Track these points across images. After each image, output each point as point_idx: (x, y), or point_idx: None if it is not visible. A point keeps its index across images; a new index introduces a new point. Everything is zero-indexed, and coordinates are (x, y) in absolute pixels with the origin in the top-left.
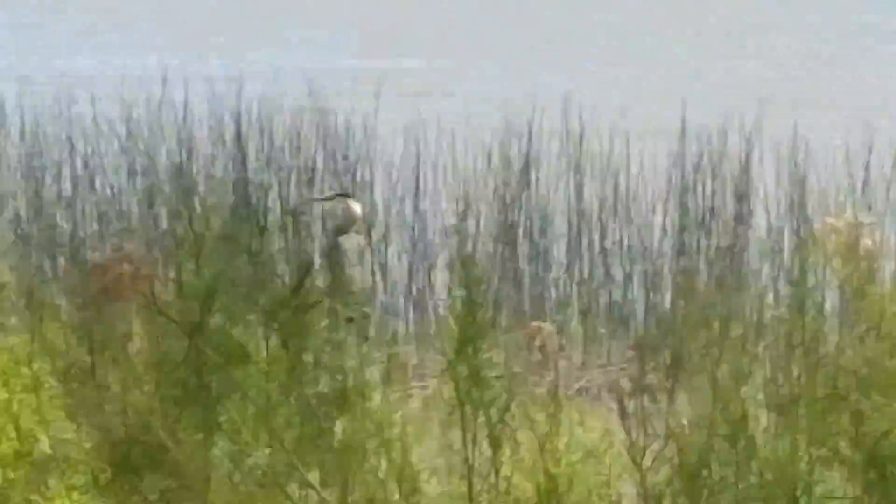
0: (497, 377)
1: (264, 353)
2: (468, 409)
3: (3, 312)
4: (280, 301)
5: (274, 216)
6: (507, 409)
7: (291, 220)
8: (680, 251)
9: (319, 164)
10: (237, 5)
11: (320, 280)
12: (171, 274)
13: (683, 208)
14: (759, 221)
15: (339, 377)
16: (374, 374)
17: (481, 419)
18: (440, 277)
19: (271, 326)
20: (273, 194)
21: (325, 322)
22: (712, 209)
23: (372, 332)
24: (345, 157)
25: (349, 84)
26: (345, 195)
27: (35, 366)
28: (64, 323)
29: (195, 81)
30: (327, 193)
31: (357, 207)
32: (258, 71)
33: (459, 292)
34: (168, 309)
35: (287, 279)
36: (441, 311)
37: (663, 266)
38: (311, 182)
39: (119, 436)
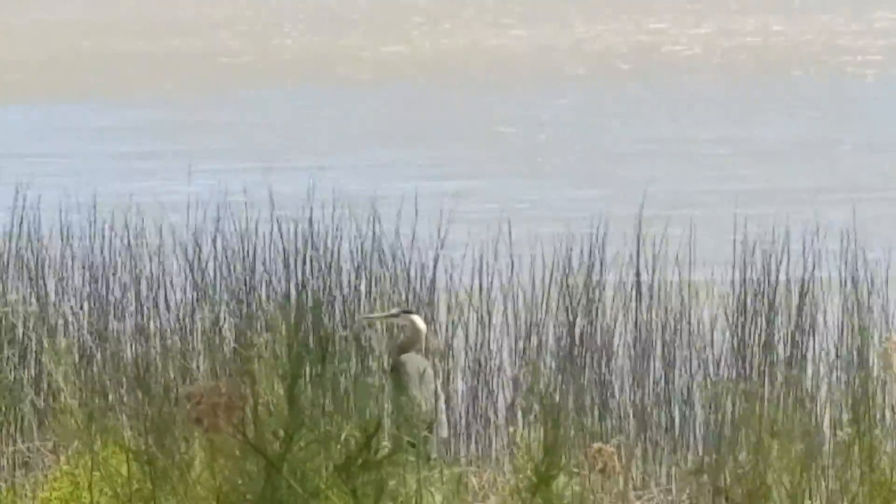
0: None
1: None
2: None
3: (65, 437)
4: (351, 457)
5: (338, 338)
6: None
7: (355, 342)
8: (739, 373)
9: (386, 286)
10: (296, 131)
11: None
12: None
13: (742, 329)
14: (820, 340)
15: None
16: (435, 497)
17: None
18: (503, 398)
19: (341, 478)
20: (337, 316)
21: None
22: (770, 330)
23: (434, 454)
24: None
25: (412, 206)
26: (409, 311)
27: (96, 492)
28: (126, 449)
29: (261, 203)
30: (392, 311)
31: (422, 324)
32: (323, 193)
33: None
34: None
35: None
36: (507, 433)
37: (723, 388)
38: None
39: None
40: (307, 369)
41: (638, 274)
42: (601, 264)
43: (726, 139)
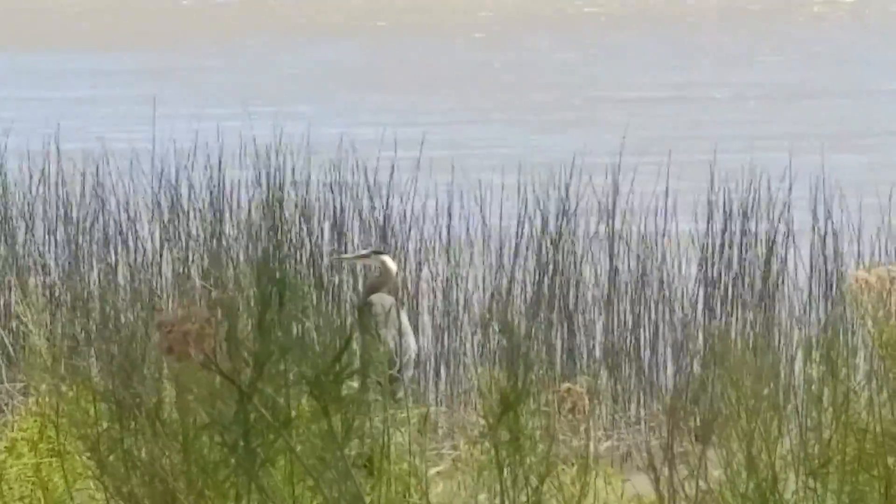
0: (538, 441)
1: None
2: (507, 474)
3: (34, 378)
4: (321, 370)
5: (307, 276)
6: (548, 473)
7: (321, 280)
8: (710, 315)
9: (353, 224)
10: (271, 72)
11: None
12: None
13: (713, 270)
14: (791, 278)
15: (368, 440)
16: (403, 436)
17: (521, 483)
18: (471, 339)
19: (313, 394)
20: (306, 254)
21: (354, 385)
22: (741, 272)
23: (401, 393)
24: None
25: (380, 150)
26: (380, 252)
27: (63, 432)
28: (94, 389)
29: (231, 143)
30: (362, 251)
31: (392, 264)
32: (293, 136)
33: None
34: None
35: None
36: (473, 371)
37: (694, 327)
38: (343, 242)
39: None
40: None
41: (612, 213)
42: (573, 206)
43: (699, 84)
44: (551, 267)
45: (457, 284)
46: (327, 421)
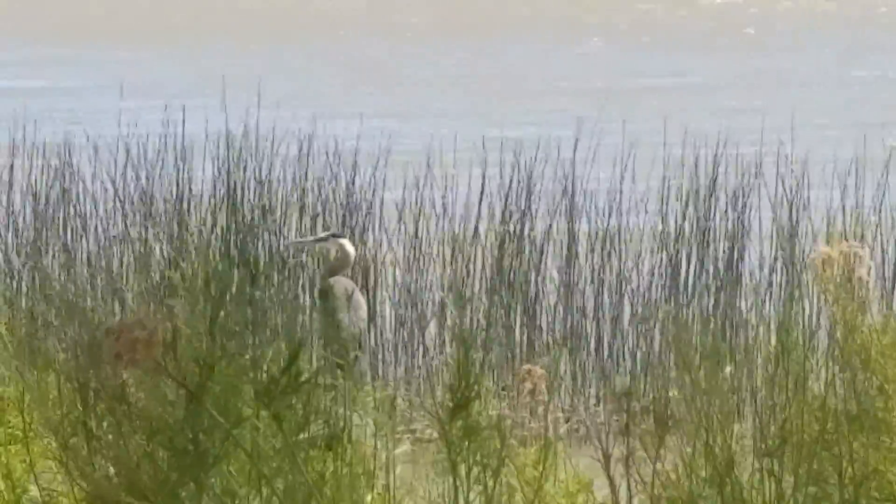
0: (491, 436)
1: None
2: (462, 467)
3: None
4: (271, 380)
5: (267, 260)
6: (501, 465)
7: (282, 263)
8: (670, 298)
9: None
10: (239, 62)
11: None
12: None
13: (675, 253)
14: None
15: (330, 422)
16: (363, 418)
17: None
18: (432, 322)
19: (263, 403)
20: (268, 238)
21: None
22: (703, 255)
23: (364, 373)
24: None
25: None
26: (338, 235)
27: (26, 415)
28: (57, 372)
29: (194, 129)
30: (321, 234)
31: (350, 248)
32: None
33: (453, 358)
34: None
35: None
36: (432, 357)
37: (652, 309)
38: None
39: (111, 488)
40: (232, 291)
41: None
42: (533, 191)
43: (665, 73)
44: (511, 250)
45: (417, 267)
46: (279, 426)
